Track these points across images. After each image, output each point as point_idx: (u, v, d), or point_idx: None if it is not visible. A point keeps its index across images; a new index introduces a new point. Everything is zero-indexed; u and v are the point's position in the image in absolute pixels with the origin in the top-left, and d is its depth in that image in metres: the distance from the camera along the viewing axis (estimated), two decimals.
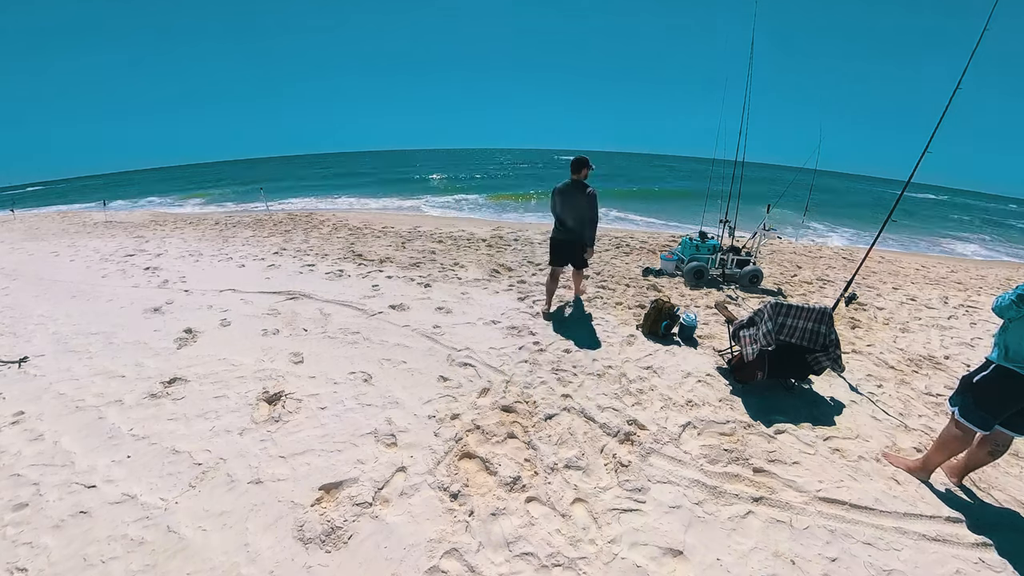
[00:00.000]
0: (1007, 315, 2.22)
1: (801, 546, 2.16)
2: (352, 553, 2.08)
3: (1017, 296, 2.16)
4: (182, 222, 13.08)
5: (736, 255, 6.39)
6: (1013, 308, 2.18)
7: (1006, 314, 2.22)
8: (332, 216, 13.27)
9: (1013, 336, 2.21)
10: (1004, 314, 2.23)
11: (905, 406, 3.38)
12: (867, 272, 7.57)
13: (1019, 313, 2.18)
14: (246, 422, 3.01)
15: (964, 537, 2.23)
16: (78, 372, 3.73)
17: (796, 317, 3.26)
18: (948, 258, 11.16)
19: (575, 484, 2.50)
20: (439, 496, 2.40)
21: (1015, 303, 2.17)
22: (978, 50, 3.15)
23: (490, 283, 6.12)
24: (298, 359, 3.86)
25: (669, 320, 4.33)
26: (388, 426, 2.96)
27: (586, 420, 3.07)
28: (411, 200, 19.93)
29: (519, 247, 8.60)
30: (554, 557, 2.07)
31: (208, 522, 2.24)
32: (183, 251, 8.53)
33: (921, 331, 4.93)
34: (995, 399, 2.27)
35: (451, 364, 3.81)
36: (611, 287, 5.98)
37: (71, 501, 2.36)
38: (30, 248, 9.56)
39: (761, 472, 2.62)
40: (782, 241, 9.72)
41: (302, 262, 7.30)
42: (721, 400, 3.35)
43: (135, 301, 5.48)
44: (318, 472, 2.55)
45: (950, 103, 3.34)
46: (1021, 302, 2.15)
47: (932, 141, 3.49)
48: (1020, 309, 2.17)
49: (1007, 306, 2.20)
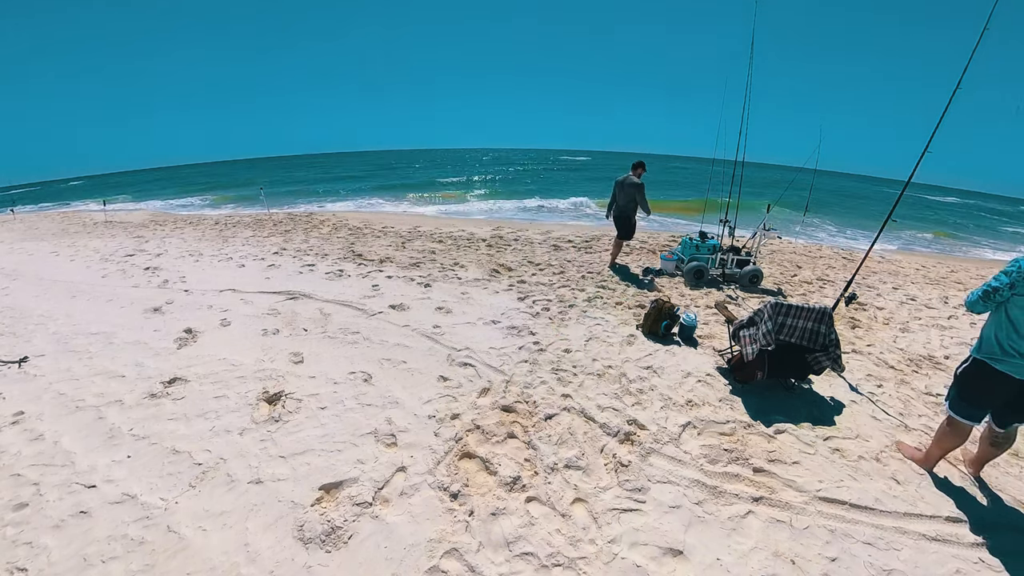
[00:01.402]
0: (976, 310, 2.30)
1: (801, 546, 2.16)
2: (352, 553, 2.08)
3: (983, 292, 2.22)
4: (182, 222, 13.08)
5: (736, 255, 6.39)
6: (980, 304, 2.26)
7: (975, 309, 2.30)
8: (332, 216, 13.27)
9: (987, 330, 2.28)
10: (973, 309, 2.31)
11: (905, 406, 3.38)
12: (867, 272, 7.57)
13: (986, 308, 2.26)
14: (246, 422, 3.01)
15: (964, 537, 2.23)
16: (78, 372, 3.73)
17: (796, 317, 3.26)
18: (948, 258, 11.15)
19: (575, 484, 2.50)
20: (439, 496, 2.40)
21: (982, 299, 2.24)
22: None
23: (490, 283, 6.13)
24: (298, 359, 3.86)
25: (669, 320, 4.33)
26: (388, 426, 2.96)
27: (586, 420, 3.07)
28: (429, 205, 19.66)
29: (519, 247, 8.60)
30: (554, 557, 2.07)
31: (208, 522, 2.24)
32: (183, 251, 8.53)
33: (921, 331, 4.93)
34: (974, 390, 2.35)
35: (451, 364, 3.81)
36: (611, 287, 5.98)
37: (71, 501, 2.36)
38: (30, 248, 9.56)
39: (761, 472, 2.62)
40: (782, 241, 9.72)
41: (302, 262, 7.30)
42: (721, 400, 3.35)
43: (135, 301, 5.48)
44: (318, 472, 2.55)
45: (950, 103, 3.35)
46: (987, 298, 2.21)
47: (932, 141, 3.49)
48: (987, 304, 2.24)
49: (975, 301, 2.28)
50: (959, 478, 2.63)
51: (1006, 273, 2.14)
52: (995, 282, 2.17)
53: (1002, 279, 2.15)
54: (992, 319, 2.26)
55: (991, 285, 2.18)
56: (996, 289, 2.16)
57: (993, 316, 2.26)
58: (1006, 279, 2.13)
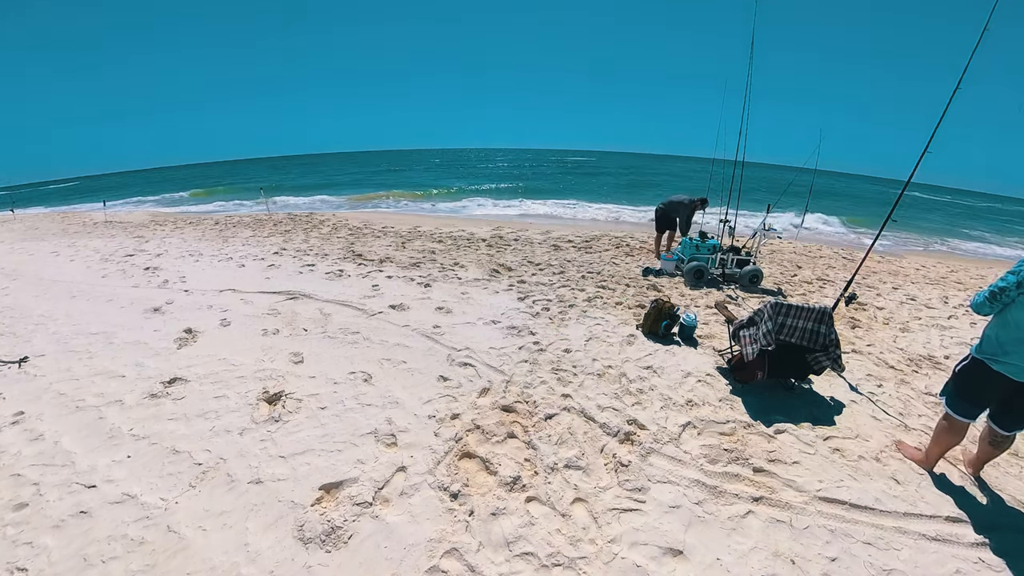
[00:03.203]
0: (983, 312, 2.29)
1: (801, 546, 2.16)
2: (352, 553, 2.08)
3: (990, 292, 2.22)
4: (182, 222, 13.09)
5: (736, 255, 6.39)
6: (987, 305, 2.25)
7: (982, 311, 2.29)
8: (332, 216, 13.28)
9: (989, 329, 2.29)
10: (980, 311, 2.30)
11: (905, 406, 3.38)
12: (867, 272, 7.57)
13: (993, 309, 2.25)
14: (246, 422, 3.01)
15: (964, 537, 2.23)
16: (78, 372, 3.73)
17: (796, 317, 3.26)
18: (948, 258, 11.15)
19: (575, 484, 2.50)
20: (439, 496, 2.40)
21: (989, 300, 2.23)
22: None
23: (490, 283, 6.13)
24: (298, 359, 3.86)
25: (669, 320, 4.33)
26: (388, 426, 2.96)
27: (586, 420, 3.07)
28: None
29: (519, 247, 8.60)
30: (554, 557, 2.07)
31: (208, 522, 2.24)
32: (183, 251, 8.53)
33: (921, 331, 4.93)
34: (971, 389, 2.36)
35: (451, 364, 3.81)
36: (611, 287, 5.98)
37: (71, 501, 2.37)
38: (30, 248, 9.56)
39: (761, 472, 2.62)
40: (782, 241, 9.71)
41: (302, 262, 7.30)
42: (721, 400, 3.35)
43: (135, 301, 5.48)
44: (318, 472, 2.55)
45: (950, 103, 3.34)
46: (994, 298, 2.21)
47: (932, 141, 3.49)
48: (994, 305, 2.23)
49: (982, 303, 2.27)
50: (959, 478, 2.63)
51: (1013, 272, 2.13)
52: (1002, 282, 2.16)
53: (1009, 279, 2.13)
54: (995, 319, 2.26)
55: (998, 285, 2.17)
56: (1003, 289, 2.15)
57: (996, 316, 2.26)
58: (1013, 279, 2.12)
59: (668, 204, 7.46)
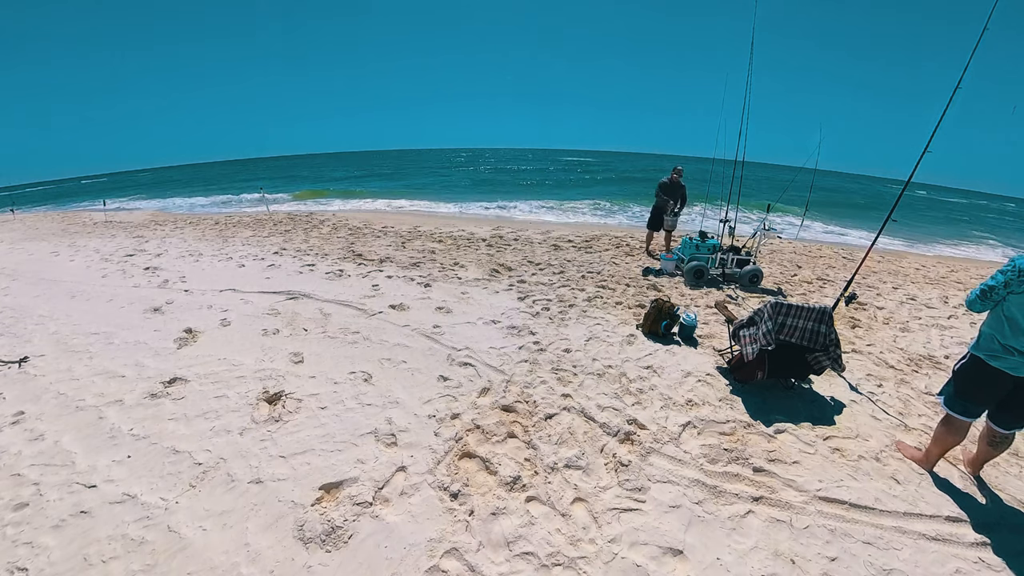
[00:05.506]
0: (975, 309, 2.33)
1: (801, 545, 2.16)
2: (352, 553, 2.08)
3: (981, 291, 2.27)
4: (182, 222, 13.09)
5: (736, 255, 6.39)
6: (978, 303, 2.30)
7: (974, 308, 2.33)
8: (332, 216, 13.28)
9: (985, 326, 2.32)
10: (973, 308, 2.34)
11: (905, 406, 3.38)
12: (867, 272, 7.57)
13: (984, 307, 2.30)
14: (246, 422, 3.01)
15: (964, 537, 2.23)
16: (78, 372, 3.73)
17: (796, 317, 3.26)
18: (948, 258, 11.14)
19: (575, 484, 2.50)
20: (439, 496, 2.40)
21: (980, 298, 2.28)
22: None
23: (490, 283, 6.13)
24: (298, 359, 3.86)
25: (669, 320, 4.33)
26: (388, 426, 2.96)
27: (586, 420, 3.07)
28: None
29: (519, 247, 8.60)
30: (554, 556, 2.07)
31: (208, 522, 2.24)
32: (183, 251, 8.53)
33: (921, 331, 4.93)
34: (969, 387, 2.37)
35: (451, 364, 3.81)
36: (611, 287, 5.98)
37: (71, 501, 2.37)
38: (30, 248, 9.56)
39: (761, 472, 2.62)
40: (782, 241, 9.72)
41: (302, 262, 7.30)
42: (721, 400, 3.35)
43: (135, 301, 5.48)
44: (318, 472, 2.55)
45: (950, 103, 3.34)
46: (984, 296, 2.26)
47: (932, 141, 3.49)
48: (985, 303, 2.28)
49: (973, 300, 2.32)
50: (959, 478, 2.63)
51: (1002, 272, 2.20)
52: (992, 281, 2.23)
53: (998, 278, 2.20)
54: (990, 317, 2.30)
55: (988, 284, 2.24)
56: (992, 288, 2.22)
57: (991, 314, 2.30)
58: (1002, 277, 2.18)
59: (665, 192, 7.74)
